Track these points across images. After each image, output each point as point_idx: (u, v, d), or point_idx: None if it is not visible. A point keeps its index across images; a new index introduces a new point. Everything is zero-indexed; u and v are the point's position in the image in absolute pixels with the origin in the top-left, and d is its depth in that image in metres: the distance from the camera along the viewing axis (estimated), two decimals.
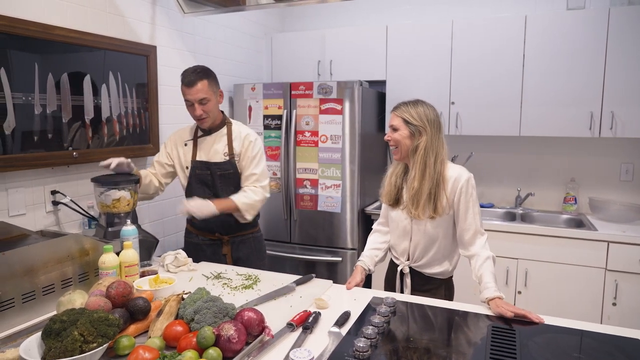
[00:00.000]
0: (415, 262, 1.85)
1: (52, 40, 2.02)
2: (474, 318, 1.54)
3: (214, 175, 2.16)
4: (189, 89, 2.05)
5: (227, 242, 2.23)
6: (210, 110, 2.10)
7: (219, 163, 2.15)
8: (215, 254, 2.23)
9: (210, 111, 2.10)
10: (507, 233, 2.92)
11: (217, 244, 2.24)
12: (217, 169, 2.15)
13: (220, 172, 2.15)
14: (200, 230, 2.24)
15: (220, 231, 2.21)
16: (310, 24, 4.01)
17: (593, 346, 1.36)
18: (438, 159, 1.74)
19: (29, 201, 2.02)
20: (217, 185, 2.16)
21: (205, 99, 2.06)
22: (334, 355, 1.26)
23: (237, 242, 2.24)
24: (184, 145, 2.22)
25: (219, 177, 2.16)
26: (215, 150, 2.17)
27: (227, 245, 2.23)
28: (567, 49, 2.92)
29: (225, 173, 2.16)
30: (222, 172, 2.15)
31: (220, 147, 2.17)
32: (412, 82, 3.32)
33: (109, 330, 1.16)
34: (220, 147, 2.17)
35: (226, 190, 2.15)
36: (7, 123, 1.87)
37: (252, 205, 2.13)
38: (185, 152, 2.21)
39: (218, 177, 2.16)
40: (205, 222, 2.13)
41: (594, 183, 3.26)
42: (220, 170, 2.15)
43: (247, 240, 2.27)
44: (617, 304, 2.70)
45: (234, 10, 2.76)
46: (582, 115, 2.94)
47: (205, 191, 2.17)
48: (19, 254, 1.45)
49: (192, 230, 2.29)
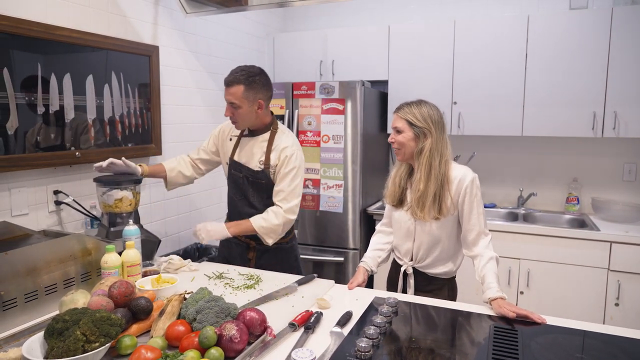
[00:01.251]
0: (418, 263, 1.85)
1: (54, 41, 2.02)
2: (477, 318, 1.53)
3: (245, 179, 2.08)
4: (226, 88, 1.97)
5: (253, 248, 2.15)
6: (240, 117, 1.99)
7: (252, 170, 2.06)
8: (242, 256, 2.17)
9: (240, 117, 1.99)
10: (509, 233, 2.91)
11: (245, 247, 2.17)
12: (249, 175, 2.07)
13: (252, 180, 2.07)
14: None
15: (248, 236, 2.10)
16: (312, 24, 4.01)
17: (596, 347, 1.36)
18: (442, 159, 1.73)
19: (31, 201, 2.03)
20: (248, 191, 2.09)
21: (235, 104, 1.95)
22: (335, 356, 1.25)
23: (262, 251, 2.14)
24: (229, 139, 2.16)
25: (251, 183, 2.08)
26: (252, 154, 2.07)
27: (252, 251, 2.15)
28: (569, 48, 2.92)
29: (256, 182, 2.07)
30: (254, 180, 2.07)
31: (257, 154, 2.07)
32: (414, 82, 3.31)
33: (112, 330, 1.17)
34: (257, 154, 2.07)
35: (257, 197, 2.08)
36: (10, 123, 1.88)
37: (272, 229, 1.99)
38: (228, 147, 2.15)
39: (249, 183, 2.08)
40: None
41: (596, 183, 3.25)
42: (252, 178, 2.07)
43: (273, 250, 2.13)
44: (619, 304, 2.70)
45: (236, 10, 2.77)
46: (585, 115, 2.93)
47: (237, 193, 2.12)
48: (22, 254, 1.46)
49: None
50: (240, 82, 1.94)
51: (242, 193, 2.11)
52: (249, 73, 1.96)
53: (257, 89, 1.98)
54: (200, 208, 3.16)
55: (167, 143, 2.77)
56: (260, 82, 1.99)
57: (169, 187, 2.23)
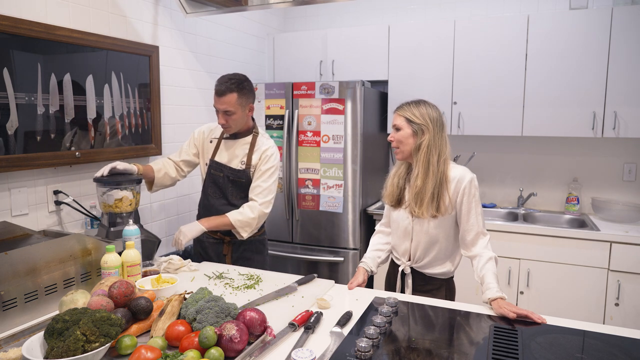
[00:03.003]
0: (416, 263, 1.85)
1: (54, 41, 2.02)
2: (476, 318, 1.53)
3: (225, 178, 2.19)
4: (218, 98, 2.07)
5: (228, 243, 2.26)
6: (234, 122, 2.11)
7: (234, 169, 2.18)
8: (217, 254, 2.27)
9: (234, 122, 2.12)
10: (509, 233, 2.91)
11: (219, 244, 2.27)
12: (230, 174, 2.18)
13: (233, 178, 2.18)
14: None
15: (222, 232, 2.23)
16: (312, 24, 4.01)
17: (596, 347, 1.36)
18: (441, 157, 1.75)
19: (31, 201, 2.03)
20: (228, 189, 2.20)
21: (230, 111, 2.07)
22: (335, 355, 1.26)
23: (238, 244, 2.26)
24: (210, 142, 2.27)
25: (231, 182, 2.19)
26: (234, 155, 2.20)
27: (228, 246, 2.26)
28: (569, 48, 2.92)
29: (237, 180, 2.18)
30: (234, 179, 2.18)
31: (240, 154, 2.20)
32: (414, 82, 3.31)
33: (111, 330, 1.17)
34: (240, 154, 2.20)
35: (236, 196, 2.20)
36: (10, 123, 1.88)
37: (247, 222, 2.10)
38: (208, 149, 2.26)
39: (230, 181, 2.19)
40: None
41: (596, 183, 3.25)
42: (233, 176, 2.18)
43: (248, 242, 2.28)
44: (619, 304, 2.70)
45: (236, 10, 2.76)
46: (585, 115, 2.93)
47: (216, 192, 2.22)
48: (22, 254, 1.46)
49: None
50: (232, 90, 2.05)
51: (221, 192, 2.21)
52: (238, 80, 2.08)
53: (247, 94, 2.13)
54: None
55: (167, 143, 2.77)
56: (249, 88, 2.14)
57: (154, 188, 2.27)
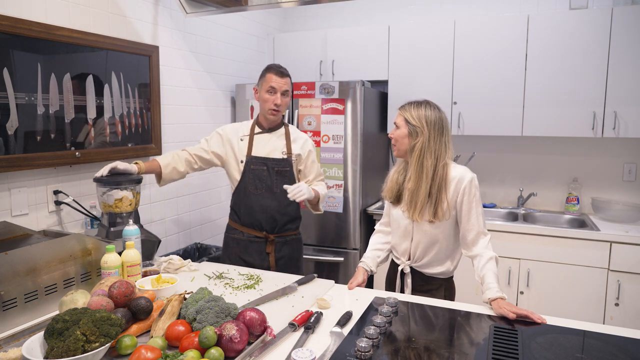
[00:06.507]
0: (416, 262, 1.85)
1: (55, 41, 2.02)
2: (476, 318, 1.53)
3: (270, 170, 2.23)
4: (280, 78, 2.17)
5: (272, 242, 2.24)
6: (286, 105, 2.23)
7: (277, 159, 2.23)
8: (258, 252, 2.24)
9: (285, 105, 2.24)
10: (509, 233, 2.91)
11: (262, 242, 2.24)
12: (274, 165, 2.23)
13: (277, 169, 2.23)
14: (246, 226, 2.25)
15: (268, 229, 2.23)
16: (312, 24, 4.01)
17: (596, 347, 1.36)
18: (439, 162, 1.73)
19: (31, 201, 2.03)
20: (272, 180, 2.23)
21: (288, 92, 2.21)
22: (335, 355, 1.26)
23: (281, 243, 2.27)
24: (240, 140, 2.28)
25: (275, 173, 2.23)
26: (274, 147, 2.25)
27: (271, 244, 2.24)
28: (569, 48, 2.92)
29: (281, 170, 2.24)
30: (279, 169, 2.23)
31: (279, 145, 2.25)
32: (414, 82, 3.31)
33: (112, 330, 1.17)
34: (279, 145, 2.25)
35: (279, 186, 2.21)
36: (10, 123, 1.88)
37: (324, 197, 2.32)
38: (241, 147, 2.27)
39: (275, 172, 2.23)
40: (253, 219, 2.21)
41: (596, 183, 3.25)
42: (277, 167, 2.23)
43: (290, 241, 2.29)
44: (619, 304, 2.70)
45: (236, 10, 2.76)
46: (585, 115, 2.93)
47: (259, 185, 2.23)
48: (22, 254, 1.46)
49: (236, 227, 2.28)
50: (289, 74, 2.22)
51: (265, 186, 2.23)
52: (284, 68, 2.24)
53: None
54: (200, 208, 3.16)
55: (167, 143, 2.77)
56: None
57: (162, 183, 2.24)
